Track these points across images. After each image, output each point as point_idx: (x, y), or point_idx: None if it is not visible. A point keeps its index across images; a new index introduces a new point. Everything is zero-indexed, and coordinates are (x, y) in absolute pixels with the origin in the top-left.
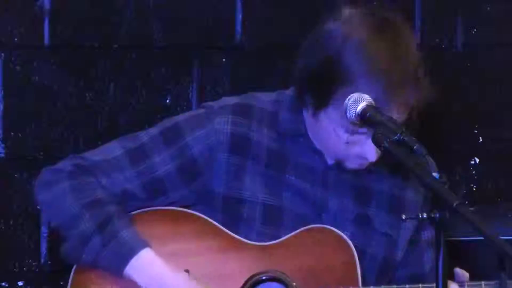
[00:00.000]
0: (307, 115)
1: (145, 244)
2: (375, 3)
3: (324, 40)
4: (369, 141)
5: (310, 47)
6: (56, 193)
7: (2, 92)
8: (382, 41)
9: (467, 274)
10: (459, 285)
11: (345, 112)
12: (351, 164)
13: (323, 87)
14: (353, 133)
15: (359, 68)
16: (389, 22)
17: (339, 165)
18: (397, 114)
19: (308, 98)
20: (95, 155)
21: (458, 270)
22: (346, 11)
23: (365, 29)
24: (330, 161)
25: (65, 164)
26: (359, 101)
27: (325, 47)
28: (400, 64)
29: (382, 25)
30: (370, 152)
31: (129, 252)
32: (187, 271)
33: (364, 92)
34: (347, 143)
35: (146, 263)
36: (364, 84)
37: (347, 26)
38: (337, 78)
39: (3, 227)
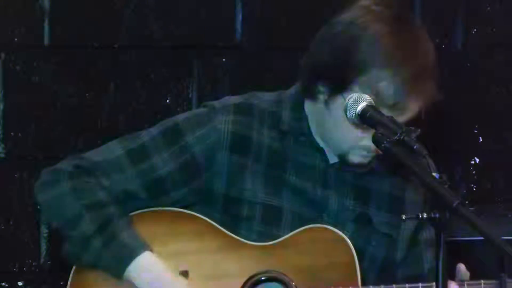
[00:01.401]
0: (314, 108)
1: (145, 247)
2: None
3: (342, 29)
4: None
5: (326, 36)
6: (56, 193)
7: (2, 92)
8: (401, 34)
9: (468, 274)
10: (459, 285)
11: (345, 112)
12: (355, 157)
13: (340, 73)
14: None
15: (377, 59)
16: (405, 15)
17: (341, 160)
18: (414, 106)
19: (320, 87)
20: (95, 155)
21: (462, 268)
22: (363, 2)
23: (383, 20)
24: (332, 159)
25: (65, 165)
26: (359, 101)
27: (343, 36)
28: (418, 58)
29: (399, 18)
30: None
31: (129, 255)
32: (186, 271)
33: (381, 83)
34: (363, 131)
35: (145, 267)
36: (382, 75)
37: (365, 16)
38: (355, 66)
39: (3, 227)
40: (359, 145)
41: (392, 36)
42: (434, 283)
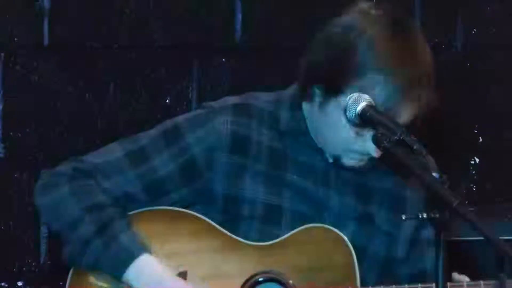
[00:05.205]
0: (310, 109)
1: (144, 249)
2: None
3: (339, 32)
4: None
5: (323, 38)
6: (56, 197)
7: (2, 92)
8: (398, 39)
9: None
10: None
11: (345, 112)
12: (348, 161)
13: (336, 76)
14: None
15: (372, 63)
16: (404, 21)
17: (335, 162)
18: (406, 114)
19: (316, 89)
20: (95, 157)
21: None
22: (362, 6)
23: (381, 25)
24: (331, 159)
25: (65, 167)
26: (359, 101)
27: (339, 39)
28: (413, 65)
29: (397, 23)
30: (372, 147)
31: (128, 258)
32: (184, 272)
33: (375, 89)
34: (357, 134)
35: (143, 270)
36: (376, 80)
37: (363, 20)
38: (351, 70)
39: (3, 227)
40: (353, 148)
41: (389, 42)
42: (433, 284)
